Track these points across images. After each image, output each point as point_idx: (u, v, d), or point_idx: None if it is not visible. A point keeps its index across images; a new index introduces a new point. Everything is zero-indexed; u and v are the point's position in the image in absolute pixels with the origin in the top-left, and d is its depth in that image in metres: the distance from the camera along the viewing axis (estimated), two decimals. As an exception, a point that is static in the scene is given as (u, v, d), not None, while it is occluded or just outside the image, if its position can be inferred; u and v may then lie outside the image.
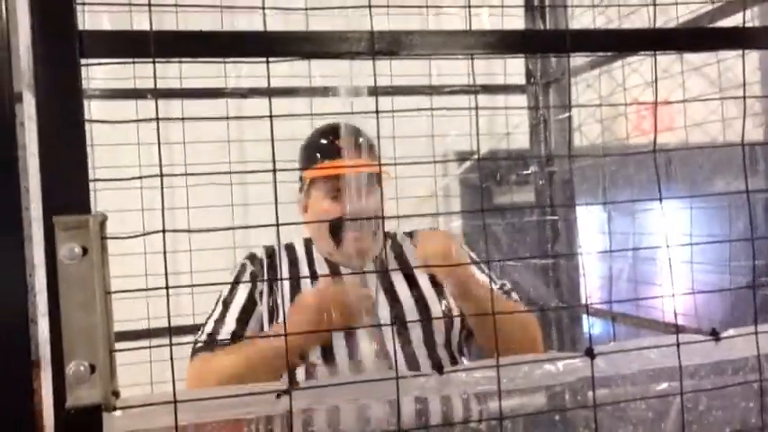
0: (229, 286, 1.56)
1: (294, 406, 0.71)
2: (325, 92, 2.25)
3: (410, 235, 1.68)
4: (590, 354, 0.78)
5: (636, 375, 0.90)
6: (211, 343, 1.47)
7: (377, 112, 0.76)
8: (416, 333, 1.48)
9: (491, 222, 2.86)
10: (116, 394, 0.68)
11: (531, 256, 2.40)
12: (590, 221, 2.38)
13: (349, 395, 0.74)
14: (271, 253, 1.60)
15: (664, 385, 0.88)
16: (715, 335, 0.83)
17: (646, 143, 2.87)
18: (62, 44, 0.67)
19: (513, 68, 2.57)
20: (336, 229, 1.50)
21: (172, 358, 0.69)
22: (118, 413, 0.68)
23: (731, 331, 0.85)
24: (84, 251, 0.66)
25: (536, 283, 2.39)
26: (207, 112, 2.29)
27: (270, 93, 2.15)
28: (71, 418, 0.67)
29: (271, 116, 0.72)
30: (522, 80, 2.47)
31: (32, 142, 0.68)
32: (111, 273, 0.68)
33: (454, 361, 1.52)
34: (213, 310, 1.55)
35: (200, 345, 1.48)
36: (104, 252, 0.66)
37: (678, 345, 0.80)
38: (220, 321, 1.51)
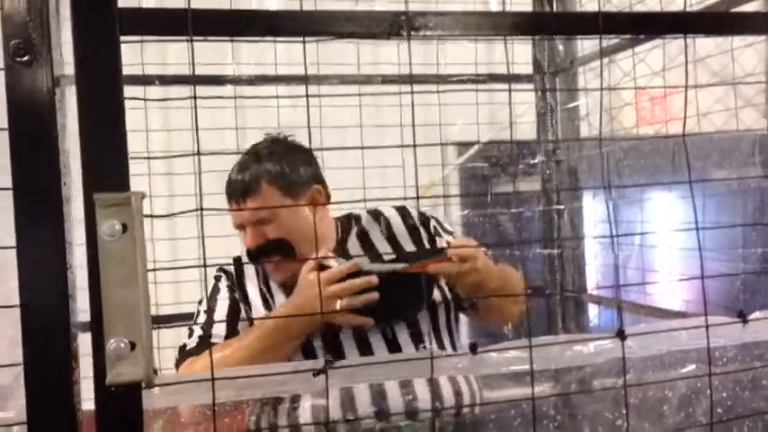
0: (207, 297, 1.55)
1: (329, 384, 0.71)
2: (330, 79, 2.25)
3: (374, 214, 1.64)
4: (621, 335, 0.78)
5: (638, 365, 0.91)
6: (204, 344, 1.42)
7: (424, 93, 0.76)
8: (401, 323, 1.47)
9: (495, 212, 2.87)
10: (155, 371, 0.69)
11: (528, 241, 2.41)
12: (597, 210, 2.39)
13: (383, 374, 0.74)
14: (239, 264, 1.59)
15: (689, 368, 0.89)
16: (742, 317, 0.84)
17: (651, 133, 2.88)
18: (102, 21, 0.67)
19: (518, 57, 2.57)
20: (253, 259, 1.52)
21: (210, 336, 0.69)
22: (156, 390, 0.69)
23: (758, 314, 0.85)
24: (125, 228, 0.67)
25: (541, 271, 2.40)
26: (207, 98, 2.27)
27: (277, 79, 2.13)
28: (111, 394, 0.67)
29: (308, 97, 0.72)
30: (527, 69, 2.47)
31: (71, 121, 0.68)
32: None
33: (442, 348, 1.52)
34: (196, 318, 1.52)
35: (191, 347, 1.44)
36: (141, 228, 0.66)
37: (707, 327, 0.81)
38: (209, 325, 1.48)
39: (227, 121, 2.30)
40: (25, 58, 0.66)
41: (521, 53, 2.53)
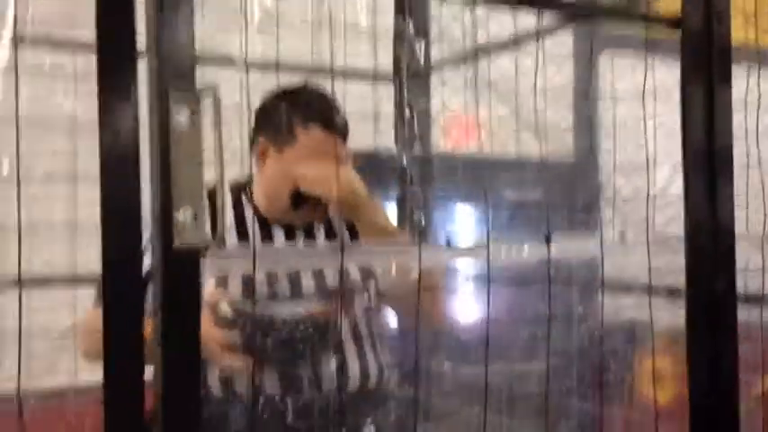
0: None
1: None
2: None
3: None
4: (547, 239, 1.03)
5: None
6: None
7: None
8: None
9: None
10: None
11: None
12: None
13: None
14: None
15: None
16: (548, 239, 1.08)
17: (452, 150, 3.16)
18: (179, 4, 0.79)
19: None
20: (301, 197, 1.46)
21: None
22: (209, 259, 0.81)
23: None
24: (192, 115, 0.79)
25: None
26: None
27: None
28: (174, 257, 0.78)
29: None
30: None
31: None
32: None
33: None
34: None
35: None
36: (219, 115, 0.79)
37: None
38: None
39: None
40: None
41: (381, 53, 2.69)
